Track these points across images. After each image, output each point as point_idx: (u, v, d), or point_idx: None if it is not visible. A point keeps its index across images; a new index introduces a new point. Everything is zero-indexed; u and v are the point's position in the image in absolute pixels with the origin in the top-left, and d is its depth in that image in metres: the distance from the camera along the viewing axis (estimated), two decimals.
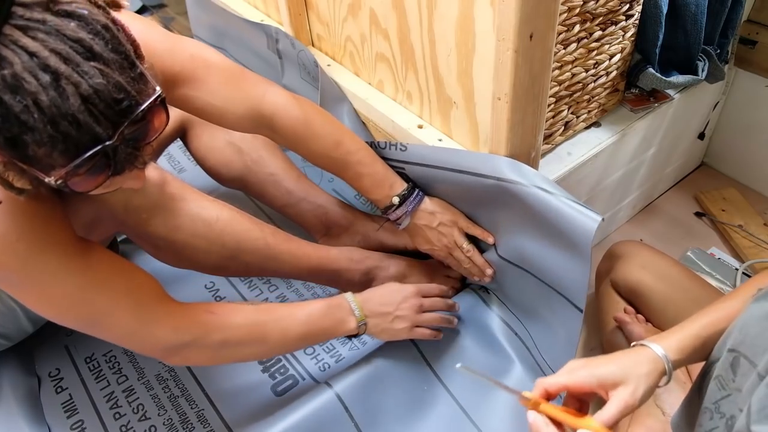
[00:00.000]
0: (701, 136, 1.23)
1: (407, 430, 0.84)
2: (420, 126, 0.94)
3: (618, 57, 0.94)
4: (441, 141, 0.90)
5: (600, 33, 0.87)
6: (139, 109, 0.49)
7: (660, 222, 1.21)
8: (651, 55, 0.95)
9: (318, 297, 1.03)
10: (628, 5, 0.88)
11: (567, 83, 0.89)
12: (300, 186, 1.04)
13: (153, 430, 0.87)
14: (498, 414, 0.85)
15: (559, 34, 0.81)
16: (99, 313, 0.66)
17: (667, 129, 1.09)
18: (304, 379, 0.91)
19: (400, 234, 0.90)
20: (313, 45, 1.15)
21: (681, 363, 0.59)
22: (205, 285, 1.05)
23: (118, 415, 0.88)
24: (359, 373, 0.84)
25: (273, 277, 1.05)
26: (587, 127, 1.00)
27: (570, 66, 0.87)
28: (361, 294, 0.84)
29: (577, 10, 0.80)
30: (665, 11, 0.90)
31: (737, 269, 1.08)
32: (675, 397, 0.77)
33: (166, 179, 0.78)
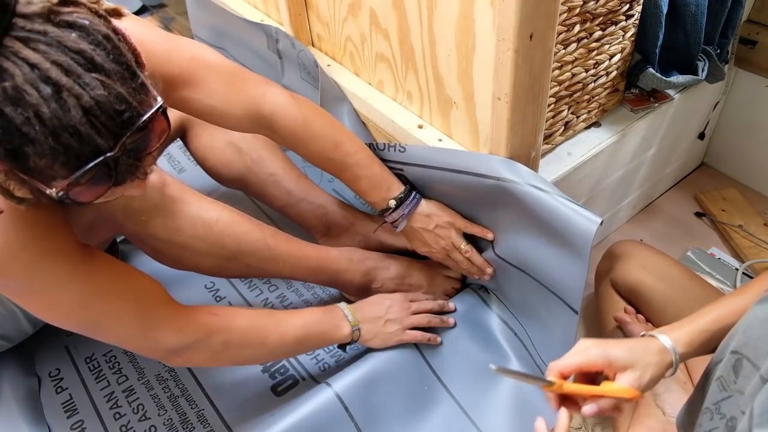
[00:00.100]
0: (701, 136, 1.23)
1: (407, 430, 0.84)
2: (420, 126, 0.94)
3: (618, 57, 0.94)
4: (441, 141, 0.90)
5: (600, 33, 0.87)
6: (141, 120, 0.49)
7: (660, 222, 1.21)
8: (651, 55, 0.95)
9: (318, 297, 1.04)
10: (628, 5, 0.88)
11: (567, 83, 0.89)
12: (300, 186, 1.04)
13: (153, 430, 0.87)
14: (498, 414, 0.85)
15: (559, 34, 0.81)
16: (102, 318, 0.66)
17: (667, 129, 1.09)
18: (304, 379, 0.91)
19: (400, 234, 0.90)
20: (313, 45, 1.15)
21: (688, 356, 0.60)
22: (205, 285, 1.05)
23: (118, 415, 0.88)
24: (359, 373, 0.84)
25: (273, 278, 1.05)
26: (587, 127, 1.00)
27: (570, 66, 0.87)
28: (353, 304, 0.88)
29: (577, 10, 0.80)
30: (665, 11, 0.90)
31: (737, 269, 1.08)
32: (675, 397, 0.77)
33: (165, 181, 0.78)
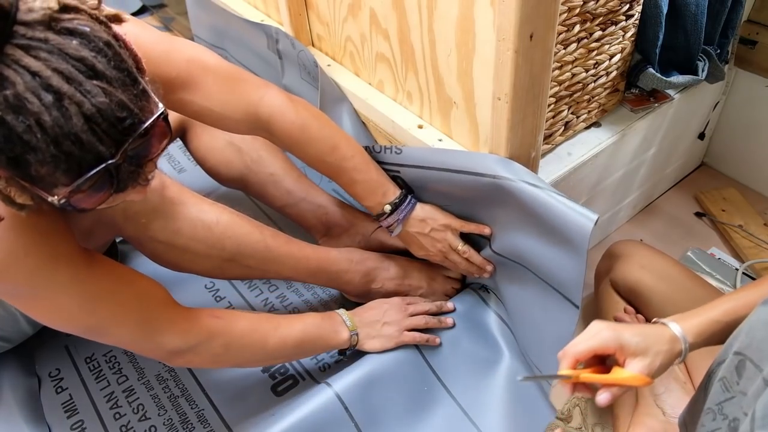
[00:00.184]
0: (701, 136, 1.23)
1: (407, 430, 0.84)
2: (420, 126, 0.94)
3: (618, 57, 0.94)
4: (441, 141, 0.90)
5: (600, 33, 0.87)
6: (142, 127, 0.49)
7: (660, 222, 1.21)
8: (651, 55, 0.95)
9: (318, 297, 1.04)
10: (628, 5, 0.88)
11: (567, 83, 0.89)
12: (300, 186, 1.04)
13: (153, 430, 0.87)
14: (497, 414, 0.84)
15: (559, 34, 0.81)
16: (105, 322, 0.66)
17: (668, 129, 1.09)
18: (304, 379, 0.91)
19: None
20: (313, 45, 1.15)
21: (698, 346, 0.60)
22: (205, 285, 1.05)
23: (118, 415, 0.88)
24: (359, 373, 0.84)
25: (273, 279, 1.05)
26: (587, 127, 1.00)
27: (570, 66, 0.87)
28: (352, 310, 0.89)
29: (577, 10, 0.80)
30: (665, 11, 0.90)
31: (737, 269, 1.08)
32: (675, 398, 0.77)
33: (165, 183, 0.78)
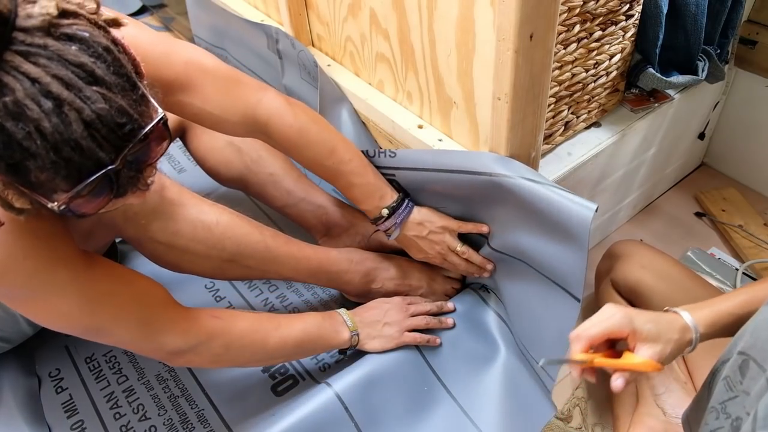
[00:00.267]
0: (701, 136, 1.23)
1: (407, 430, 0.84)
2: (420, 126, 0.94)
3: (618, 57, 0.94)
4: (441, 141, 0.90)
5: (600, 33, 0.87)
6: (142, 132, 0.49)
7: (660, 222, 1.21)
8: (651, 55, 0.95)
9: (318, 297, 1.04)
10: (628, 5, 0.88)
11: (567, 83, 0.89)
12: (300, 186, 1.04)
13: (153, 430, 0.87)
14: (497, 414, 0.84)
15: (559, 34, 0.81)
16: (105, 323, 0.66)
17: (668, 129, 1.09)
18: (304, 379, 0.91)
19: None
20: (313, 45, 1.15)
21: (709, 336, 0.60)
22: (206, 285, 1.05)
23: (118, 415, 0.88)
24: (359, 373, 0.84)
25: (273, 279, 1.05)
26: (587, 127, 1.00)
27: (570, 66, 0.87)
28: (353, 310, 0.89)
29: (577, 10, 0.80)
30: (665, 11, 0.90)
31: (737, 269, 1.08)
32: (675, 398, 0.77)
33: (164, 184, 0.78)
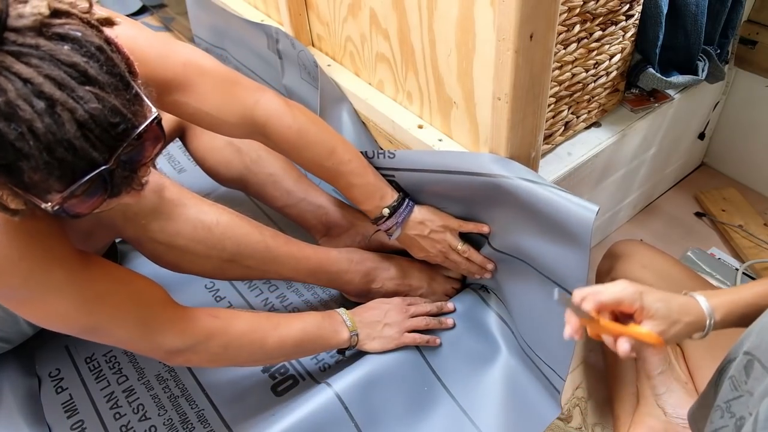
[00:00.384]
0: (701, 136, 1.23)
1: (407, 430, 0.84)
2: (420, 126, 0.94)
3: (618, 57, 0.94)
4: (441, 141, 0.90)
5: (600, 33, 0.87)
6: (136, 132, 0.48)
7: (660, 222, 1.21)
8: (651, 55, 0.95)
9: (318, 297, 1.04)
10: (628, 5, 0.88)
11: (567, 83, 0.89)
12: (300, 186, 1.04)
13: (153, 430, 0.87)
14: (497, 414, 0.84)
15: (559, 34, 0.81)
16: (103, 323, 0.66)
17: (668, 129, 1.09)
18: (304, 379, 0.91)
19: None
20: (313, 45, 1.15)
21: (724, 325, 0.59)
22: (205, 285, 1.05)
23: (118, 415, 0.88)
24: (359, 373, 0.84)
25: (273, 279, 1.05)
26: (587, 127, 1.00)
27: (570, 66, 0.87)
28: (352, 310, 0.89)
29: (577, 10, 0.80)
30: (665, 11, 0.90)
31: (737, 269, 1.08)
32: (676, 398, 0.77)
33: (164, 184, 0.78)
